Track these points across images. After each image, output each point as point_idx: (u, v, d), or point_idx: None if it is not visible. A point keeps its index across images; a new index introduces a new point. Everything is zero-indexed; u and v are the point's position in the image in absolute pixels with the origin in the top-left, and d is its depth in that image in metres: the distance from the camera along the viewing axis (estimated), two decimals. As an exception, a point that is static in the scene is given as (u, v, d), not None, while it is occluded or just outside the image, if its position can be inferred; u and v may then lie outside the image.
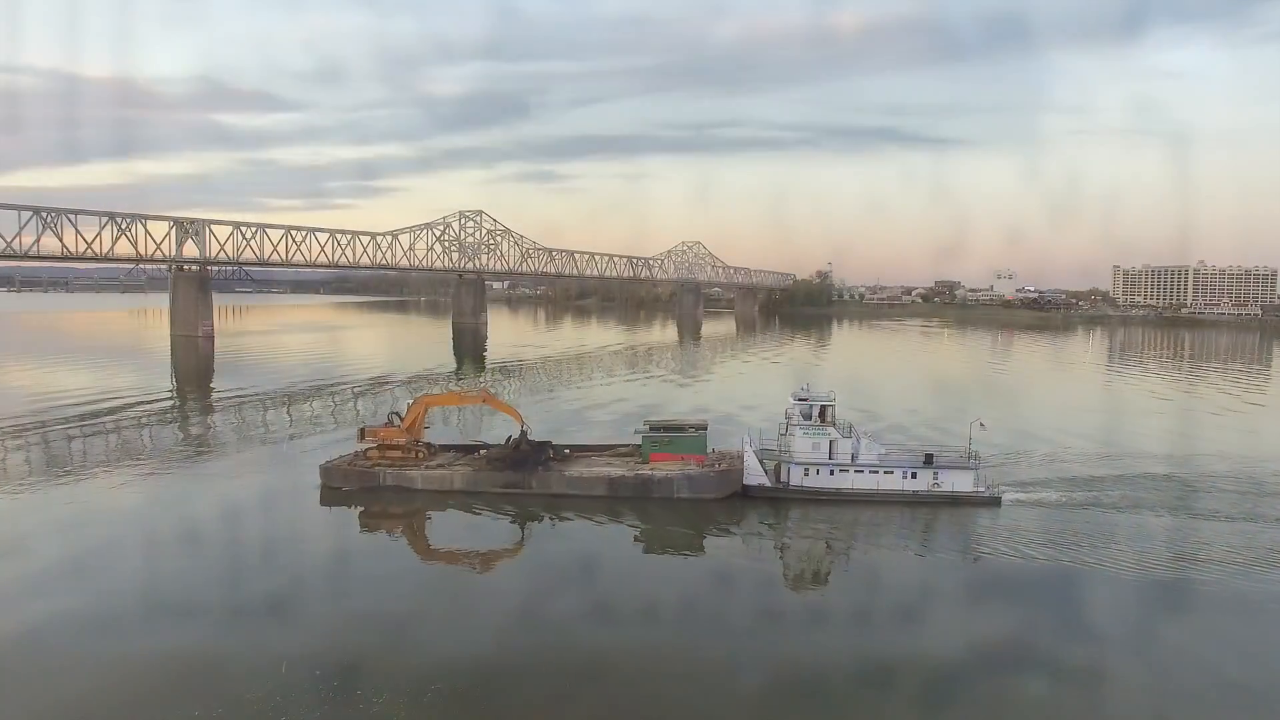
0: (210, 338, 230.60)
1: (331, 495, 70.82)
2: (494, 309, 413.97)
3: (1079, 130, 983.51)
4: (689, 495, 69.91)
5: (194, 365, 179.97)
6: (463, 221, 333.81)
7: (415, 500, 69.87)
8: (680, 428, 76.40)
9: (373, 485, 71.65)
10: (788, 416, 73.36)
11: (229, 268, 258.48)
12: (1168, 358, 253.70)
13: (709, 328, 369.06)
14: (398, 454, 74.74)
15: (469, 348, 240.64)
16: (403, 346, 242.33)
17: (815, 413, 72.42)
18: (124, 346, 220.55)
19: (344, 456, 76.00)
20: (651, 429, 76.09)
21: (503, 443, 76.23)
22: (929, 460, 72.25)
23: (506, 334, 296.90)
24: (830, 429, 72.01)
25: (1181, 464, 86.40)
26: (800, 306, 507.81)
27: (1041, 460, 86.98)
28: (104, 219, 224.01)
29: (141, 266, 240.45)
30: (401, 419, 76.77)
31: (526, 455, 73.09)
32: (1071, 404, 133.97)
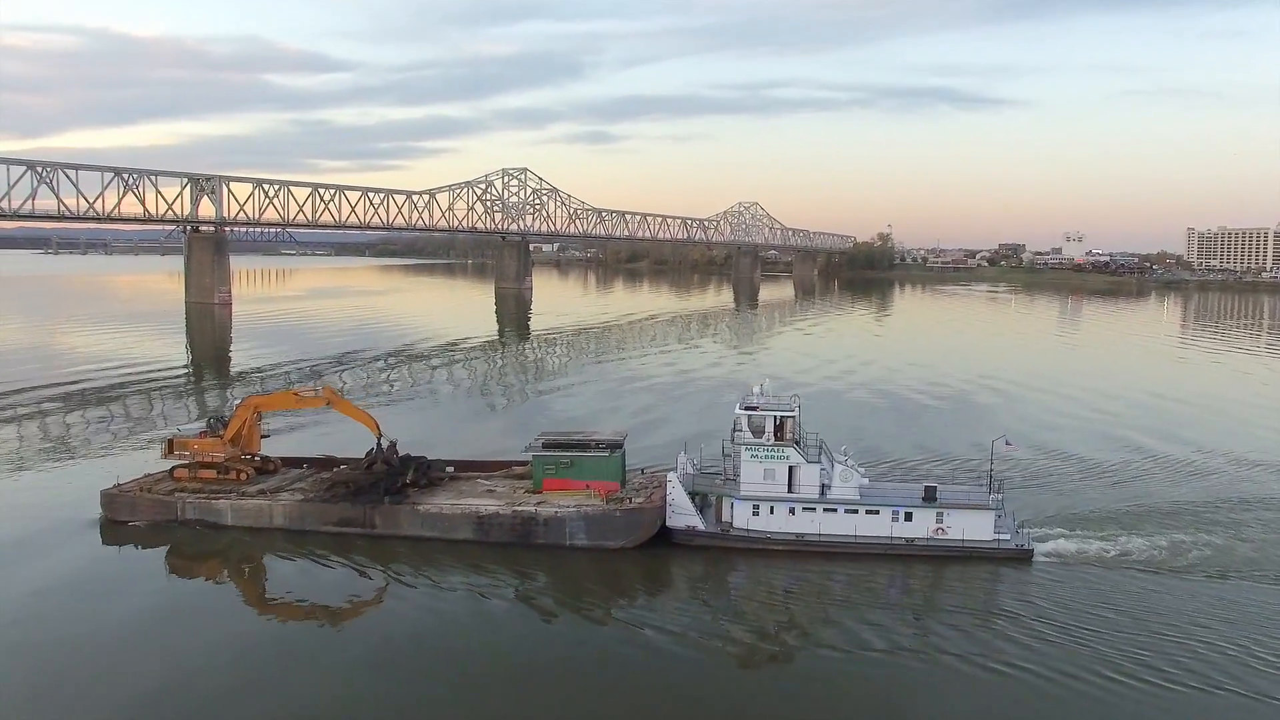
0: (228, 305, 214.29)
1: (115, 533, 52.78)
2: (542, 272, 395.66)
3: (1133, 90, 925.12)
4: (586, 543, 50.15)
5: (207, 336, 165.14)
6: (505, 180, 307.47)
7: (219, 540, 51.57)
8: (585, 444, 55.52)
9: (169, 519, 53.45)
10: (734, 430, 52.76)
11: (271, 230, 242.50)
12: (1254, 329, 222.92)
13: (766, 292, 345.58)
14: (212, 474, 56.38)
15: (512, 315, 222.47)
16: (439, 314, 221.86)
17: (770, 427, 51.59)
18: (137, 314, 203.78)
19: (148, 476, 57.62)
20: (545, 445, 55.66)
21: (363, 456, 57.31)
22: (931, 495, 51.02)
23: (553, 300, 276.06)
24: (790, 449, 51.14)
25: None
26: (861, 270, 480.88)
27: (1102, 483, 64.31)
28: (108, 175, 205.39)
29: (182, 227, 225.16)
30: (225, 426, 58.03)
31: (378, 480, 53.98)
32: (1152, 388, 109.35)
